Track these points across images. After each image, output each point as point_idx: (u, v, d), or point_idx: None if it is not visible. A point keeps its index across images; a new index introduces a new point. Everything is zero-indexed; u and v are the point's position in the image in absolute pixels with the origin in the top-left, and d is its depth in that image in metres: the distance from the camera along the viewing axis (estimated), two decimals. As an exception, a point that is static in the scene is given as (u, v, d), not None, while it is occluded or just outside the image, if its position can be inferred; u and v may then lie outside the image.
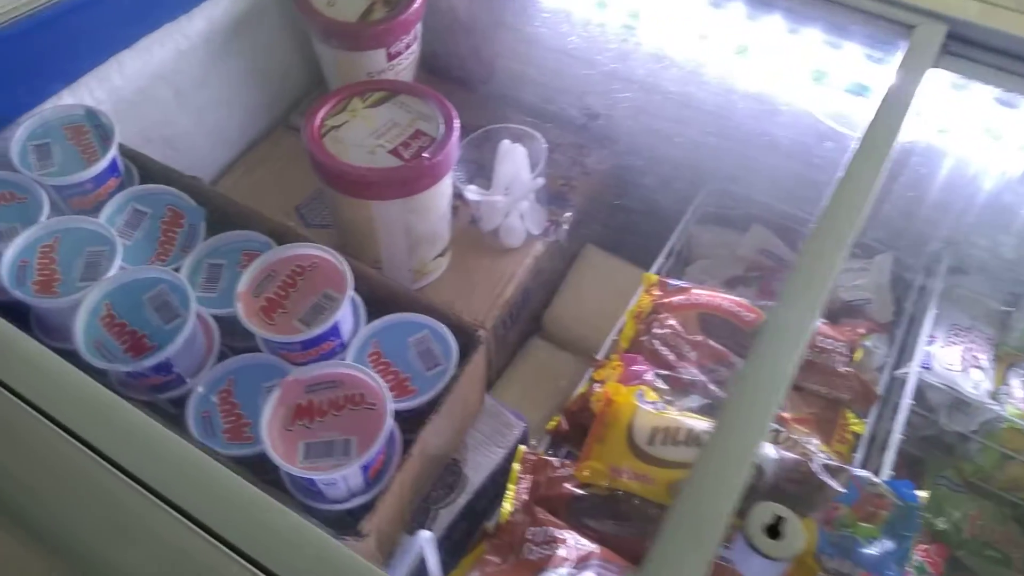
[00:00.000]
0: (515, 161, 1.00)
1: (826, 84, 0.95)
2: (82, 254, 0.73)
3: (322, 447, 0.63)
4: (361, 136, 0.85)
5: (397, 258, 0.93)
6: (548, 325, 1.09)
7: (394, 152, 0.84)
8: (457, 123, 0.86)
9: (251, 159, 1.09)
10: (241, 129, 1.10)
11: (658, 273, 1.10)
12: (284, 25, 1.08)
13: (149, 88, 0.92)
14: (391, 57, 1.02)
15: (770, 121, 0.98)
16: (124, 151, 0.85)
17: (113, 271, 0.71)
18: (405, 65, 1.05)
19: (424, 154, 0.83)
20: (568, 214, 1.05)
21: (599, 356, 0.91)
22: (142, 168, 0.86)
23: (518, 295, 1.00)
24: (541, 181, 0.98)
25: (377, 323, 0.75)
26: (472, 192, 0.99)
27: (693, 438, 0.74)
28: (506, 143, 1.01)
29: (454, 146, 0.85)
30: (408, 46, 1.03)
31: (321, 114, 0.87)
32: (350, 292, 0.71)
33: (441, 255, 0.98)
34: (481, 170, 1.01)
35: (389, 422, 0.63)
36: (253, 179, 1.07)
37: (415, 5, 0.99)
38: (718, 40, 0.97)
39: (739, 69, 0.98)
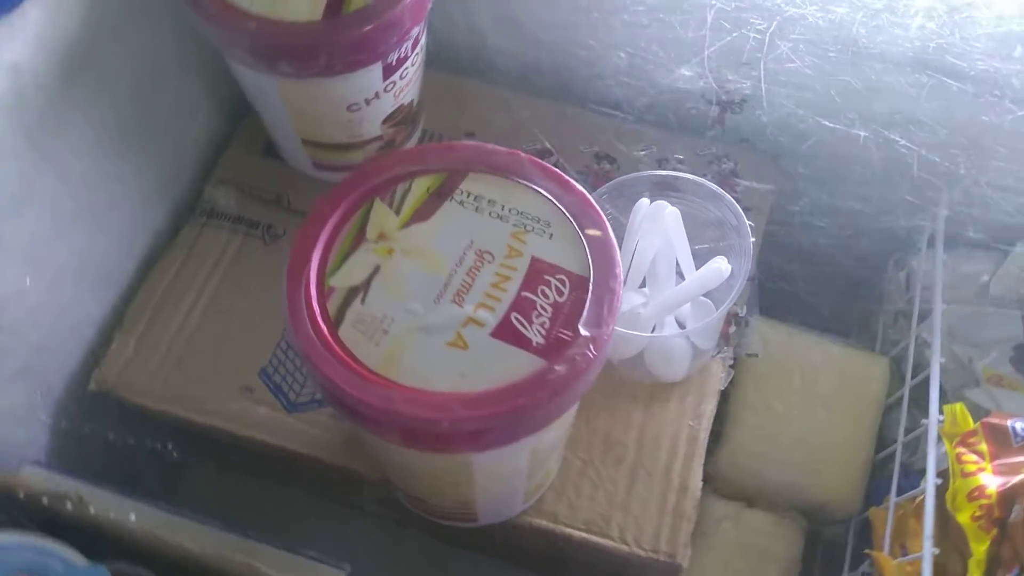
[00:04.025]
0: (664, 233, 0.54)
1: None
2: None
3: None
4: (420, 304, 0.38)
5: (504, 496, 0.48)
6: (723, 471, 0.65)
7: (505, 331, 0.37)
8: (613, 238, 0.40)
9: (150, 298, 0.59)
10: (119, 249, 0.59)
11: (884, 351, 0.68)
12: (168, 44, 0.56)
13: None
14: (392, 70, 0.53)
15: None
16: None
17: None
18: (411, 75, 0.56)
19: (581, 332, 0.36)
20: (745, 292, 0.60)
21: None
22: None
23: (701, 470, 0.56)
24: (733, 274, 0.52)
25: None
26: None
27: None
28: (644, 203, 0.54)
29: (620, 292, 0.39)
30: (416, 43, 0.54)
31: (313, 268, 0.38)
32: None
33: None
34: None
35: None
36: (167, 335, 0.58)
37: (430, -35, 0.49)
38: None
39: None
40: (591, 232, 0.40)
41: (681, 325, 0.57)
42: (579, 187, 0.42)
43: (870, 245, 0.68)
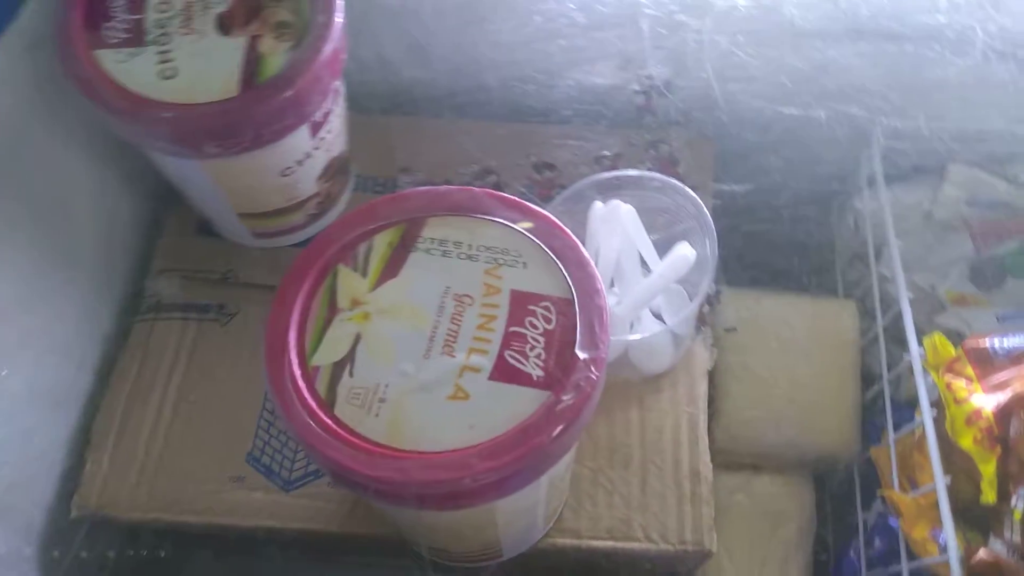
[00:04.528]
0: (623, 231, 0.54)
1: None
2: None
3: None
4: (411, 363, 0.37)
5: (527, 527, 0.47)
6: (723, 444, 0.65)
7: (503, 371, 0.36)
8: (586, 254, 0.40)
9: (115, 407, 0.56)
10: (70, 364, 0.56)
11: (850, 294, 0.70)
12: (80, 143, 0.54)
13: None
14: (319, 126, 0.51)
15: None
16: None
17: None
18: (337, 127, 0.55)
19: (579, 355, 0.36)
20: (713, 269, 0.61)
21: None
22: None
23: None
24: (699, 257, 0.52)
25: None
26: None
27: None
28: (597, 207, 0.54)
29: (607, 307, 0.39)
30: (337, 94, 0.53)
31: (292, 352, 0.37)
32: None
33: (572, 455, 0.52)
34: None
35: None
36: (140, 442, 0.55)
37: (336, 17, 0.48)
38: None
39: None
40: (563, 252, 0.39)
41: (656, 315, 0.58)
42: (539, 209, 0.41)
43: (814, 196, 0.69)
